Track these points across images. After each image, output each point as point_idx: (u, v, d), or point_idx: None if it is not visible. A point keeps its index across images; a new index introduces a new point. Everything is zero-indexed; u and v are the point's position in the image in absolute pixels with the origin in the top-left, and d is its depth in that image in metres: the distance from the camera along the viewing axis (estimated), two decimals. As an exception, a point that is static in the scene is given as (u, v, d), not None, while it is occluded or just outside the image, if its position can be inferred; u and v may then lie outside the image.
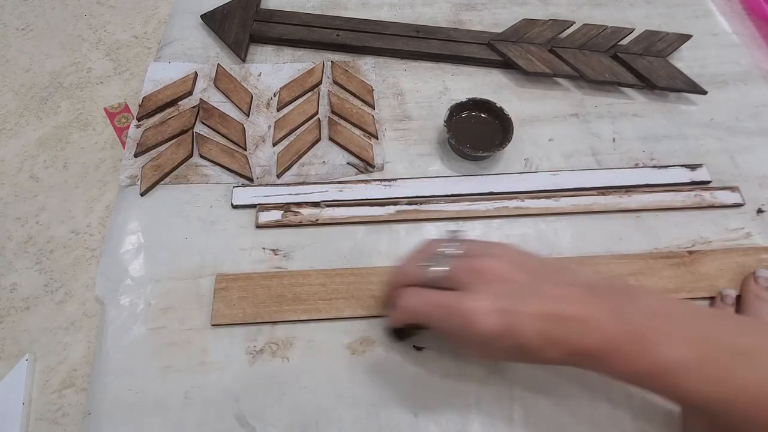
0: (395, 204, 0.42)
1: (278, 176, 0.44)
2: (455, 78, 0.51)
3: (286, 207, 0.41)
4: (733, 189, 0.43)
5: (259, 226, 0.41)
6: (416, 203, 0.42)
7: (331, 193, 0.42)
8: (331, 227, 0.41)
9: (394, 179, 0.44)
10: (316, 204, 0.41)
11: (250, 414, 0.34)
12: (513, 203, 0.42)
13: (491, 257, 0.29)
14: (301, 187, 0.43)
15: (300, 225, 0.41)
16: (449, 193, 0.43)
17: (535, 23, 0.53)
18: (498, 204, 0.42)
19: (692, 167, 0.45)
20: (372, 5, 0.57)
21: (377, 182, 0.43)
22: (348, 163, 0.45)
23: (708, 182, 0.44)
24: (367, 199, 0.42)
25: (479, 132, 0.45)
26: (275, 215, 0.41)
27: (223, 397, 0.34)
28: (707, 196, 0.43)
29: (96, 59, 0.52)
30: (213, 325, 0.37)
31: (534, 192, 0.43)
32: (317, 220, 0.41)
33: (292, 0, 0.57)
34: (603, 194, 0.43)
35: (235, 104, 0.48)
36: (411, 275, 0.31)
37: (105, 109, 0.48)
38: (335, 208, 0.41)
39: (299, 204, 0.41)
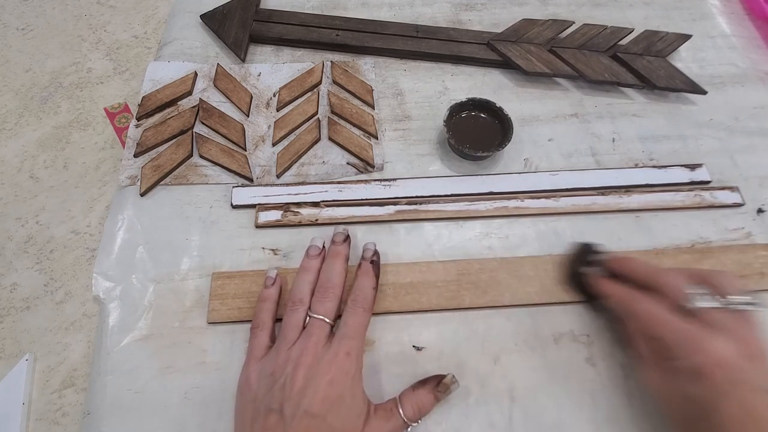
0: (395, 204, 0.42)
1: (278, 176, 0.44)
2: (455, 78, 0.51)
3: (285, 207, 0.41)
4: (732, 189, 0.43)
5: (258, 226, 0.41)
6: (416, 203, 0.42)
7: (331, 193, 0.42)
8: (330, 227, 0.41)
9: (394, 179, 0.44)
10: (315, 204, 0.41)
11: (249, 414, 0.33)
12: (512, 203, 0.42)
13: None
14: (300, 187, 0.43)
15: (299, 225, 0.41)
16: (449, 193, 0.43)
17: (534, 23, 0.53)
18: (497, 204, 0.42)
19: (692, 167, 0.45)
20: (371, 5, 0.57)
21: (377, 182, 0.43)
22: (348, 163, 0.45)
23: (708, 182, 0.44)
24: (366, 199, 0.42)
25: (479, 132, 0.45)
26: (275, 215, 0.41)
27: (223, 396, 0.34)
28: (707, 196, 0.43)
29: (96, 59, 0.52)
30: (209, 323, 0.37)
31: (533, 192, 0.43)
32: (317, 220, 0.41)
33: (291, 0, 0.57)
34: (603, 194, 0.43)
35: (235, 104, 0.48)
36: (670, 286, 0.31)
37: (105, 109, 0.48)
38: (335, 208, 0.41)
39: (299, 204, 0.41)
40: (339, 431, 0.29)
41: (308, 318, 0.33)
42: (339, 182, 0.43)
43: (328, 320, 0.33)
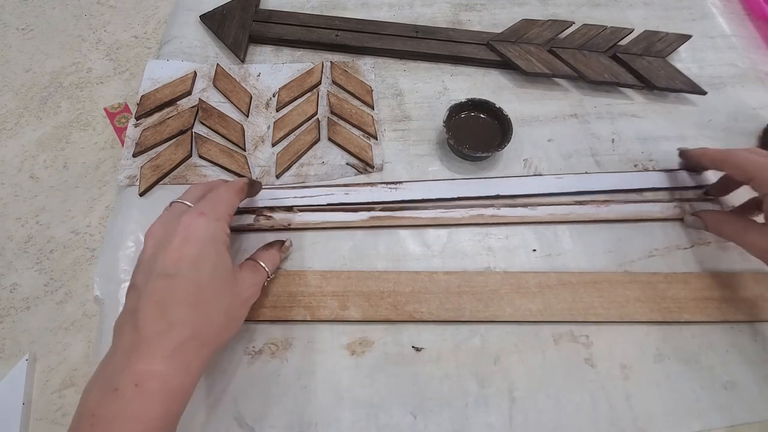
0: (369, 210, 0.41)
1: (277, 177, 0.44)
2: (454, 78, 0.51)
3: (258, 211, 0.41)
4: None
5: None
6: (394, 209, 0.41)
7: (337, 195, 0.42)
8: (303, 232, 0.41)
9: (400, 182, 0.43)
10: (289, 209, 0.41)
11: (248, 414, 0.34)
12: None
13: None
14: (306, 189, 0.42)
15: (272, 230, 0.40)
16: (454, 196, 0.42)
17: (534, 23, 0.53)
18: (493, 211, 0.42)
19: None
20: (371, 5, 0.57)
21: (383, 185, 0.43)
22: (347, 164, 0.45)
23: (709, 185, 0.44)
24: (340, 204, 0.41)
25: (478, 132, 0.45)
26: (247, 219, 0.41)
27: (222, 397, 0.34)
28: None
29: (96, 59, 0.52)
30: None
31: (538, 195, 0.43)
32: (289, 224, 0.40)
33: (291, 0, 0.57)
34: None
35: (235, 104, 0.48)
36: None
37: (105, 109, 0.48)
38: (308, 212, 0.41)
39: (272, 209, 0.41)
40: (210, 285, 0.29)
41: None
42: (345, 185, 0.43)
43: (185, 201, 0.32)
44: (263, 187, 0.43)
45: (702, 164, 0.41)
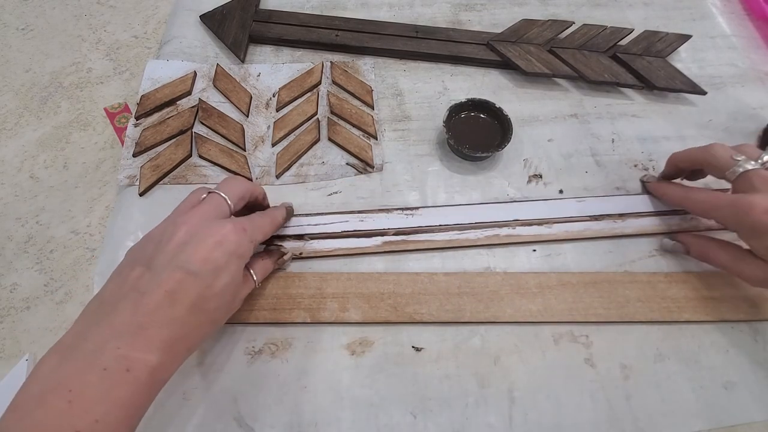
0: (383, 235, 0.40)
1: (277, 177, 0.44)
2: (454, 78, 0.51)
3: (268, 241, 0.40)
4: None
5: None
6: (407, 233, 0.40)
7: (352, 223, 0.41)
8: (314, 259, 0.40)
9: (417, 207, 0.42)
10: (300, 237, 0.40)
11: (248, 414, 0.34)
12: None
13: None
14: (320, 217, 0.41)
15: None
16: (473, 222, 0.41)
17: (534, 23, 0.53)
18: (490, 231, 0.41)
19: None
20: (371, 5, 0.57)
21: (399, 211, 0.42)
22: (347, 164, 0.45)
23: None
24: (352, 231, 0.41)
25: (478, 132, 0.45)
26: (257, 250, 0.40)
27: (222, 397, 0.34)
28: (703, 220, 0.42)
29: (96, 59, 0.52)
30: None
31: (562, 219, 0.42)
32: (301, 253, 0.40)
33: (291, 0, 0.57)
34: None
35: (235, 104, 0.48)
36: (720, 157, 0.35)
37: (105, 109, 0.48)
38: (320, 240, 0.40)
39: (282, 237, 0.40)
40: (218, 296, 0.29)
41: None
42: (360, 212, 0.41)
43: (226, 197, 0.32)
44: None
45: (666, 201, 0.41)
